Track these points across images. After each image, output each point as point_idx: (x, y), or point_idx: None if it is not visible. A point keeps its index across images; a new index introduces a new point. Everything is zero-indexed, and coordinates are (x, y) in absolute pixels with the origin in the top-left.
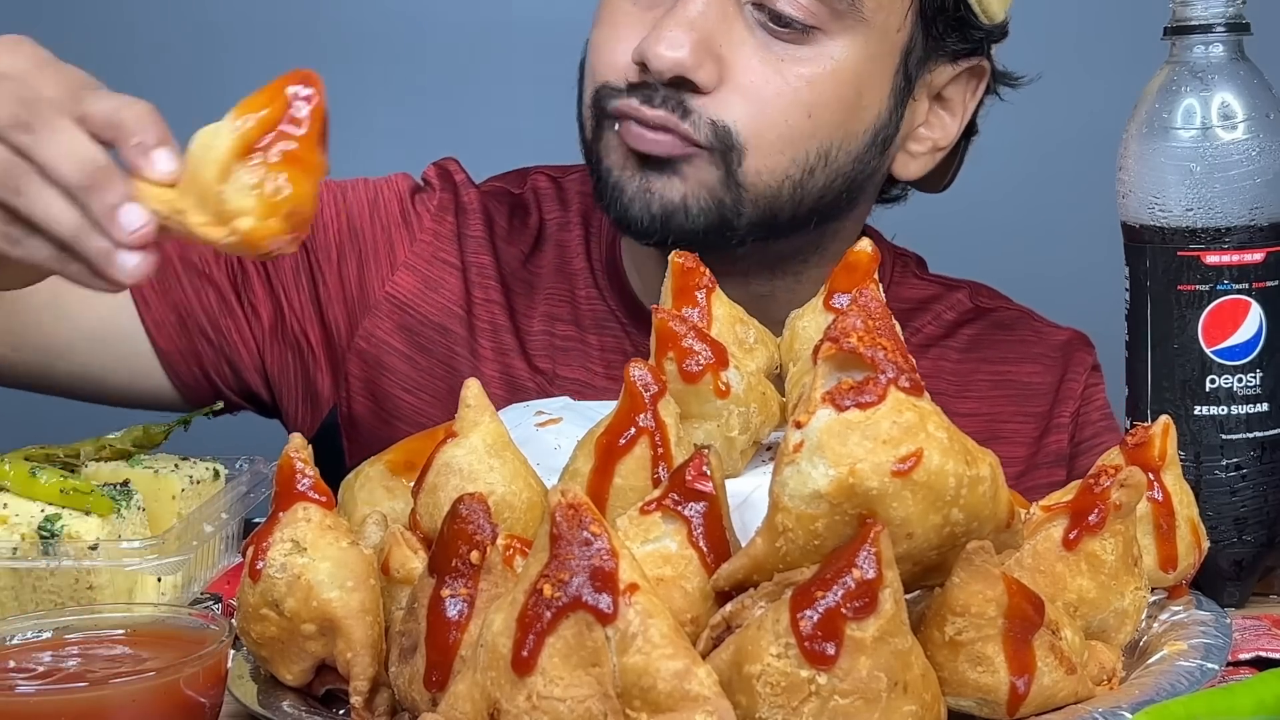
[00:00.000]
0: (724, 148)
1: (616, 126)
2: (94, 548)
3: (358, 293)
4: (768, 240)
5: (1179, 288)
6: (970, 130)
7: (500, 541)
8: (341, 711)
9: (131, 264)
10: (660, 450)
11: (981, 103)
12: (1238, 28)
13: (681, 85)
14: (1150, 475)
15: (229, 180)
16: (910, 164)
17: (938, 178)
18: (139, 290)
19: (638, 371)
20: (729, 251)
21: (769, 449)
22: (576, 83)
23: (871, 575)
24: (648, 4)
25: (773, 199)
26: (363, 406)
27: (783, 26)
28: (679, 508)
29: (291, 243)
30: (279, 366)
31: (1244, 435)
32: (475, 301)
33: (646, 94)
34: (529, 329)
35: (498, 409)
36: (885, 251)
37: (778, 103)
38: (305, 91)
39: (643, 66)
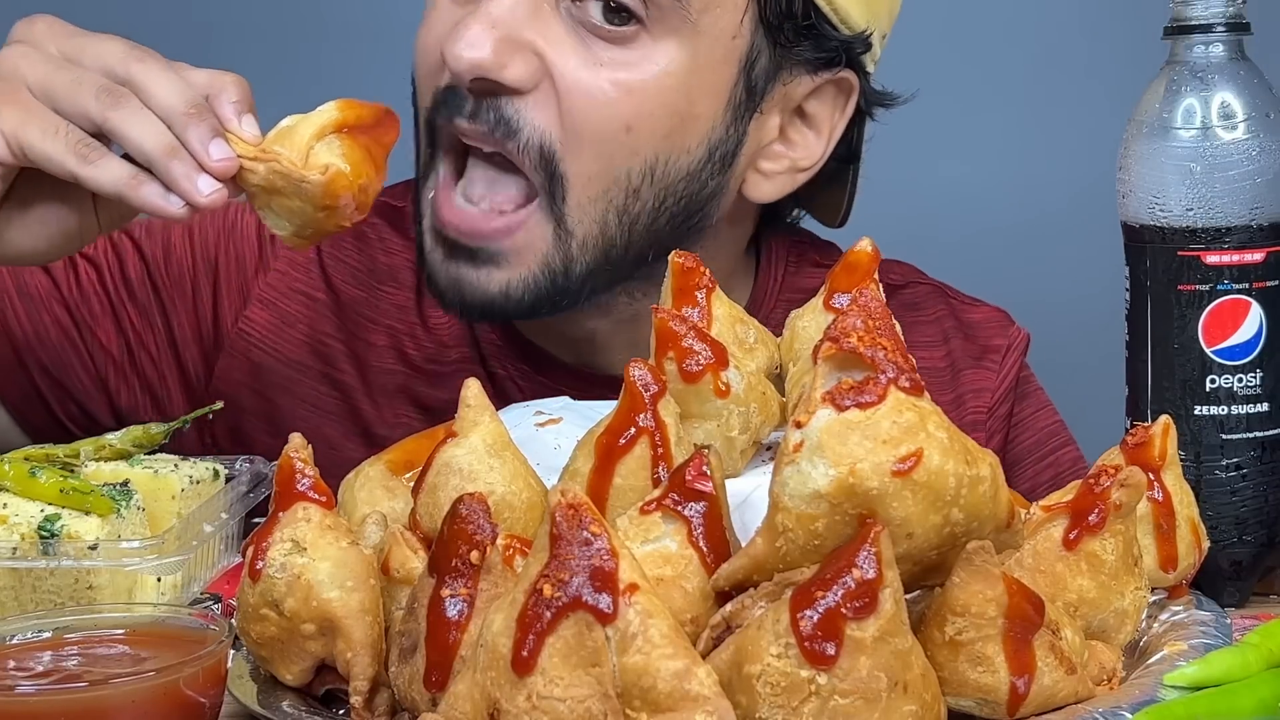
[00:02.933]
0: (549, 177)
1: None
2: (94, 548)
3: (212, 331)
4: (613, 285)
5: (1179, 288)
6: (853, 156)
7: (500, 541)
8: (341, 711)
9: (210, 187)
10: (660, 450)
11: (857, 125)
12: (1238, 28)
13: (491, 91)
14: (1150, 475)
15: (321, 141)
16: (763, 184)
17: (831, 212)
18: None
19: (638, 371)
20: (571, 310)
21: (769, 449)
22: (410, 98)
23: (871, 575)
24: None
25: (600, 233)
26: (231, 452)
27: (603, 22)
28: (679, 508)
29: (354, 215)
30: (130, 405)
31: (1244, 435)
32: (339, 336)
33: (458, 104)
34: (405, 359)
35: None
36: (778, 239)
37: (593, 115)
38: (393, 122)
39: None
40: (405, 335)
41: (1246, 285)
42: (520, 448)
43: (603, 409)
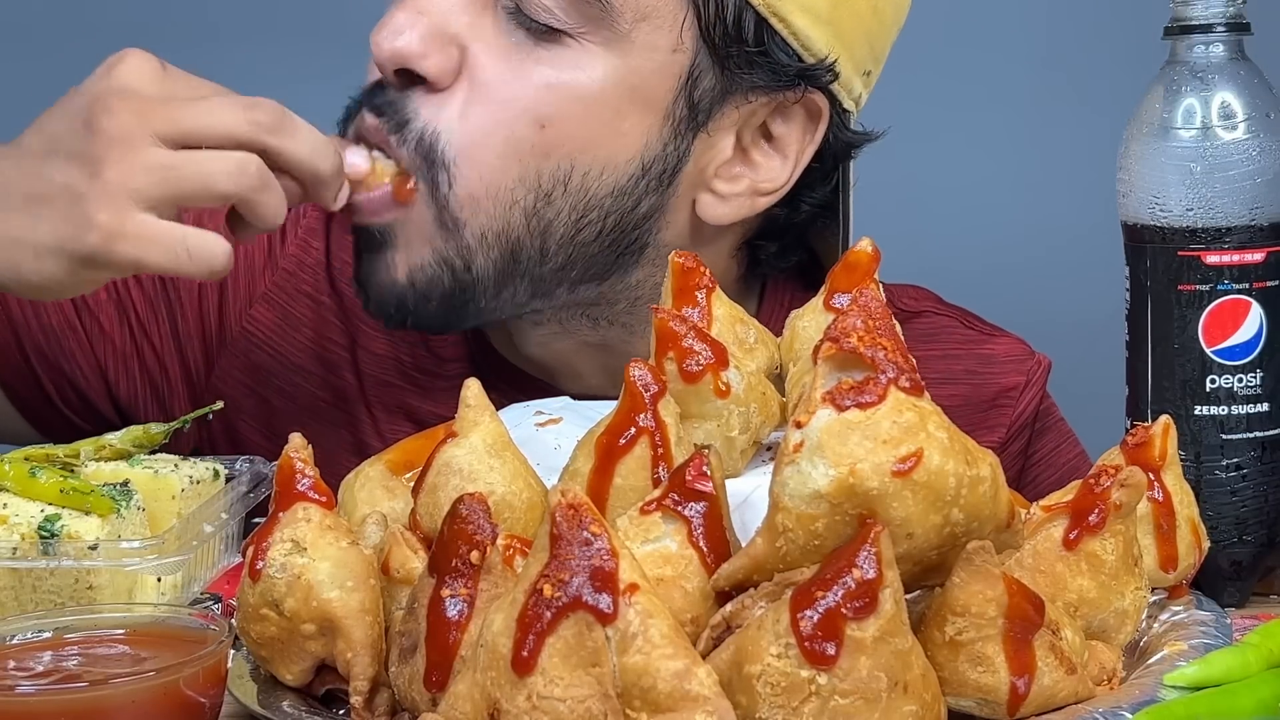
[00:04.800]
0: (428, 164)
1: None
2: (94, 548)
3: (217, 328)
4: (538, 296)
5: (1179, 288)
6: (829, 203)
7: (500, 541)
8: (341, 711)
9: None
10: (660, 450)
11: (841, 166)
12: (1238, 28)
13: (414, 83)
14: (1150, 475)
15: None
16: (718, 206)
17: (830, 258)
18: None
19: (638, 371)
20: (487, 315)
21: (769, 449)
22: None
23: (872, 575)
24: None
25: (502, 230)
26: (225, 452)
27: (533, 25)
28: (679, 508)
29: None
30: (130, 396)
31: (1244, 435)
32: (343, 343)
33: (377, 100)
34: (403, 369)
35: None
36: (782, 282)
37: (507, 109)
38: None
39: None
40: (403, 342)
41: (1246, 285)
42: (520, 448)
43: (603, 409)
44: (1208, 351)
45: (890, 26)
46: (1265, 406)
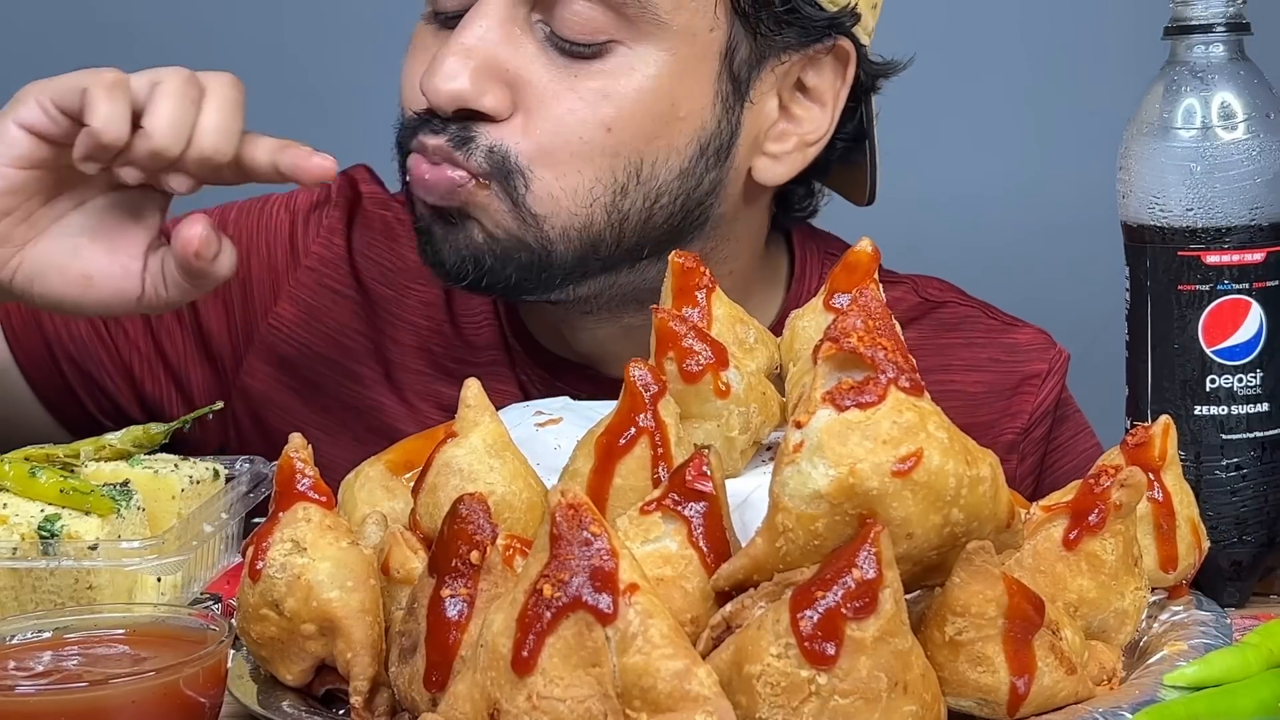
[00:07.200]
0: (502, 174)
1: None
2: (94, 548)
3: (243, 326)
4: (606, 274)
5: (1179, 288)
6: (862, 134)
7: (500, 541)
8: (341, 711)
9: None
10: (660, 450)
11: (863, 101)
12: (1238, 28)
13: (472, 117)
14: (1150, 475)
15: None
16: (774, 167)
17: (856, 191)
18: (9, 323)
19: (638, 371)
20: (558, 291)
21: (769, 449)
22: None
23: (872, 575)
24: (445, 27)
25: (585, 227)
26: (254, 449)
27: (571, 48)
28: (679, 508)
29: None
30: (155, 394)
31: (1244, 435)
32: (368, 334)
33: (433, 125)
34: (432, 358)
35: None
36: (809, 248)
37: (570, 120)
38: None
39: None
40: (432, 333)
41: (1246, 285)
42: (520, 448)
43: (603, 409)
44: (1208, 351)
45: None
46: (1265, 406)
